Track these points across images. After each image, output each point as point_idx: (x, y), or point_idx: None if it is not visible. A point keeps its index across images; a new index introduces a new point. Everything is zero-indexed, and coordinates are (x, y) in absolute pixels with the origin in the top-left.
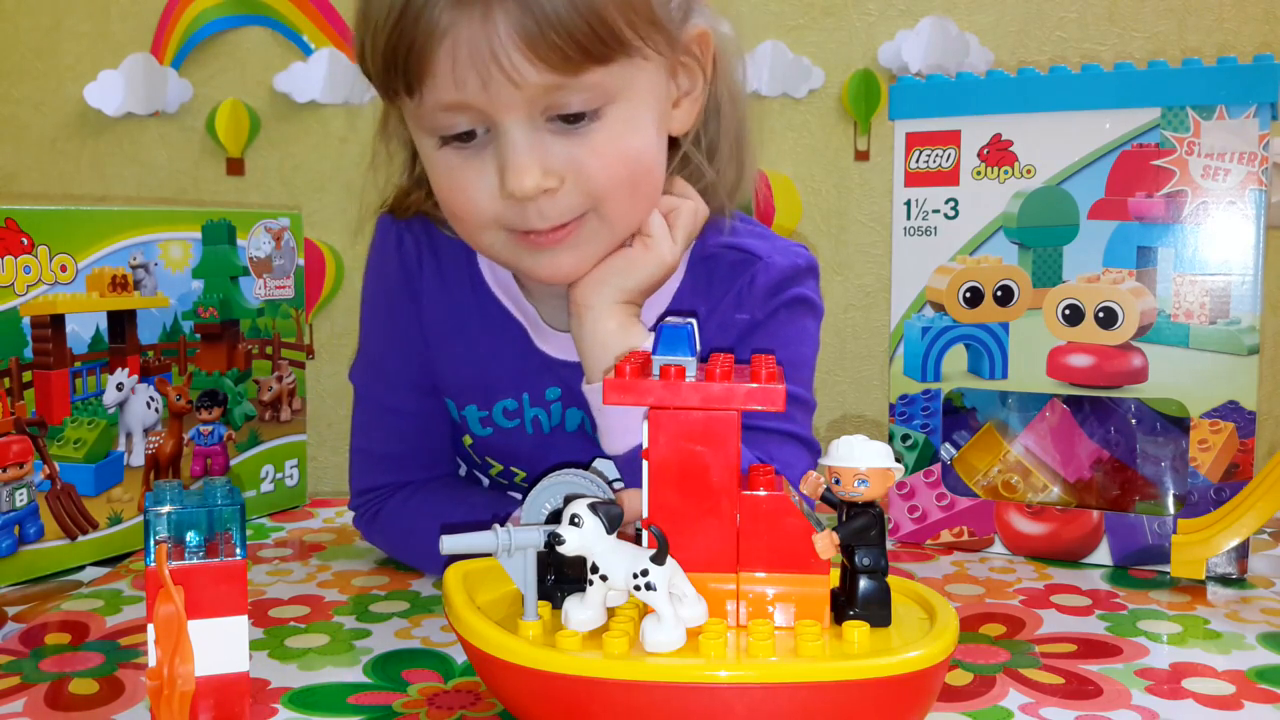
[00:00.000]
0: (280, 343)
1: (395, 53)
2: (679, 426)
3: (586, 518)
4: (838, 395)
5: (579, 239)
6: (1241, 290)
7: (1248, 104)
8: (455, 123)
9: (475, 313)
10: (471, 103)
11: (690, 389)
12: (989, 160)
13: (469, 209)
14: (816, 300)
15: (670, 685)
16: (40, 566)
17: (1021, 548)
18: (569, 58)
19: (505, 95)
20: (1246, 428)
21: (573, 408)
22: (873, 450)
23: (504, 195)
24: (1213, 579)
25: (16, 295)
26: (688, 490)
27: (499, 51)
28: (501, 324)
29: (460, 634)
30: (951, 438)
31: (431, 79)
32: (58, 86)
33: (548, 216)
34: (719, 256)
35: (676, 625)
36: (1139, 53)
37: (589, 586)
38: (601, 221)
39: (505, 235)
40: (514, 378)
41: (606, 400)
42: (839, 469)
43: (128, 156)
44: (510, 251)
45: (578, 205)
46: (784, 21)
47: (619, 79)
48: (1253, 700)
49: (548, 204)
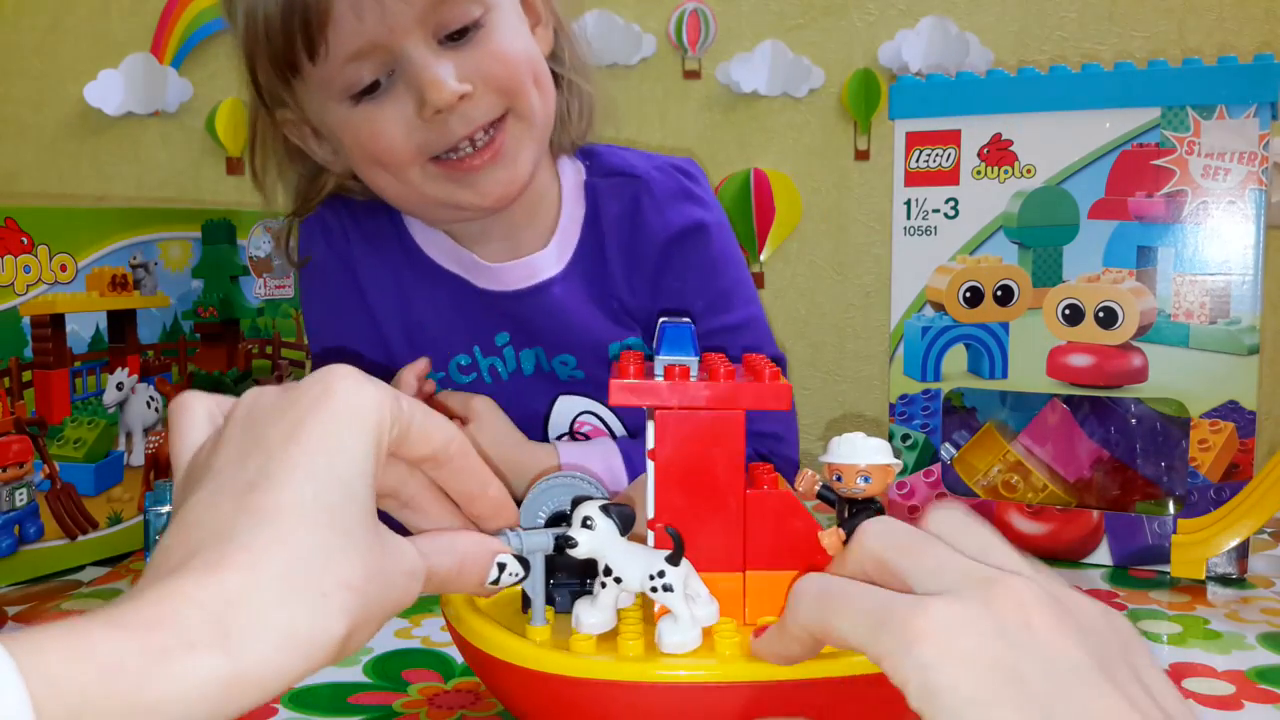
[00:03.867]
0: (280, 342)
1: (291, 19)
2: (686, 427)
3: (599, 520)
4: (838, 395)
5: (508, 150)
6: (1241, 290)
7: (1248, 104)
8: (361, 73)
9: (411, 273)
10: (373, 37)
11: (697, 389)
12: (989, 160)
13: (391, 146)
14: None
15: (689, 685)
16: (40, 566)
17: (1021, 547)
18: None
19: (401, 19)
20: (1246, 428)
21: (525, 349)
22: (873, 446)
23: (426, 116)
24: (1213, 579)
25: (16, 295)
26: (695, 490)
27: None
28: (437, 278)
29: (465, 638)
30: (951, 438)
31: (334, 27)
32: (58, 86)
33: (471, 119)
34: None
35: (693, 625)
36: (1139, 52)
37: (600, 589)
38: (520, 121)
39: (433, 170)
40: (460, 331)
41: (614, 401)
42: (841, 466)
43: (128, 156)
44: (442, 187)
45: (495, 105)
46: (784, 21)
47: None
48: (1253, 700)
49: (468, 108)
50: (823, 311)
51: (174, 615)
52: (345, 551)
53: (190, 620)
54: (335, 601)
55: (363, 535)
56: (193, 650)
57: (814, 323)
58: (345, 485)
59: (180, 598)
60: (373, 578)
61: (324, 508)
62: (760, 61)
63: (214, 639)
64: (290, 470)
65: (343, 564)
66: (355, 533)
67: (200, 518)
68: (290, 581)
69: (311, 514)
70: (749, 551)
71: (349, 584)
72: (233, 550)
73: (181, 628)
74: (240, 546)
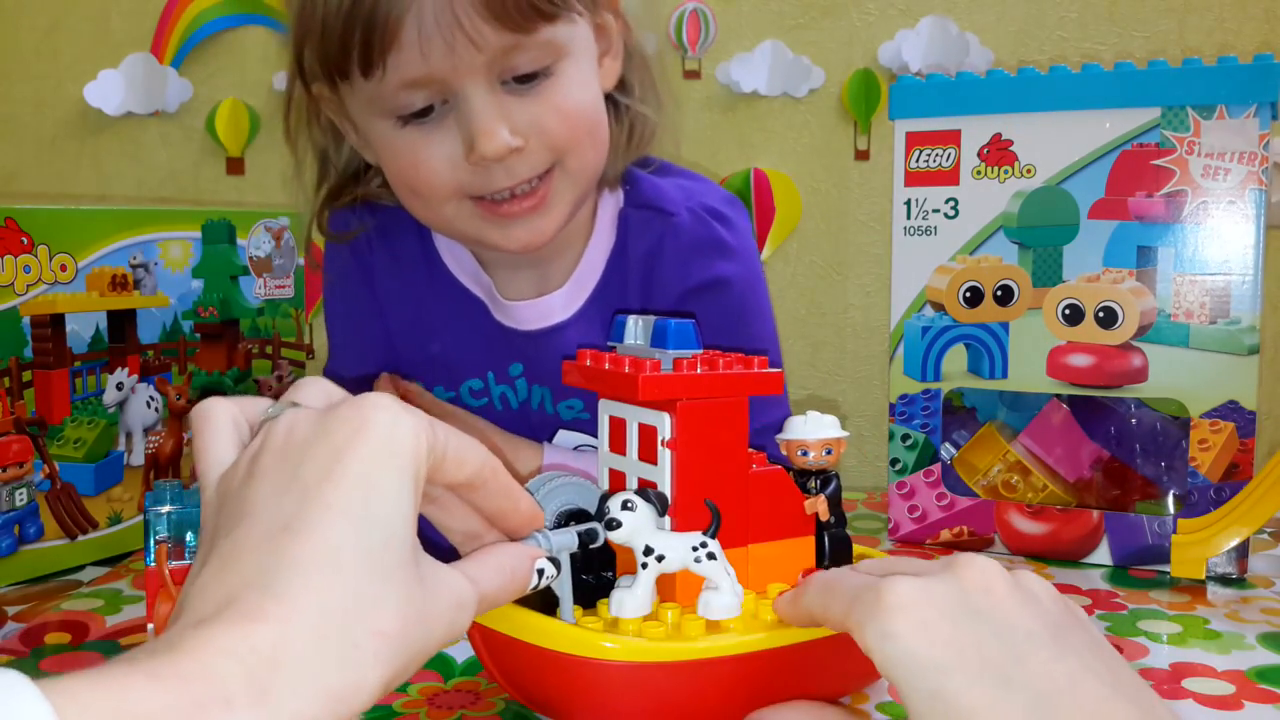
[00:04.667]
0: (280, 342)
1: (353, 31)
2: (701, 415)
3: (639, 503)
4: (838, 395)
5: (550, 202)
6: (1241, 290)
7: (1248, 104)
8: (414, 100)
9: (432, 291)
10: (435, 73)
11: (709, 381)
12: (989, 160)
13: (431, 181)
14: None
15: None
16: (40, 566)
17: (1021, 547)
18: (525, 15)
19: (468, 59)
20: (1246, 427)
21: (537, 384)
22: (830, 421)
23: (473, 160)
24: (1213, 579)
25: (16, 295)
26: (707, 473)
27: (462, 16)
28: (460, 300)
29: (505, 632)
30: (951, 437)
31: (396, 53)
32: (58, 86)
33: (516, 174)
34: (632, 216)
35: (735, 590)
36: (1139, 52)
37: (641, 570)
38: (566, 176)
39: (469, 206)
40: (477, 355)
41: (643, 397)
42: (808, 441)
43: (128, 156)
44: (474, 224)
45: (543, 161)
46: (784, 21)
47: (563, 36)
48: (1253, 700)
49: (516, 162)
50: (823, 311)
51: (211, 669)
52: (381, 599)
53: (227, 674)
54: (369, 652)
55: (402, 577)
56: (230, 708)
57: (814, 323)
58: (383, 527)
59: (216, 650)
60: (412, 620)
61: (361, 552)
62: (760, 61)
63: (250, 695)
64: (325, 512)
65: (378, 612)
66: (394, 576)
67: (236, 559)
68: (324, 633)
69: (348, 560)
70: (751, 526)
71: (384, 632)
72: (268, 600)
73: (219, 683)
74: (274, 596)
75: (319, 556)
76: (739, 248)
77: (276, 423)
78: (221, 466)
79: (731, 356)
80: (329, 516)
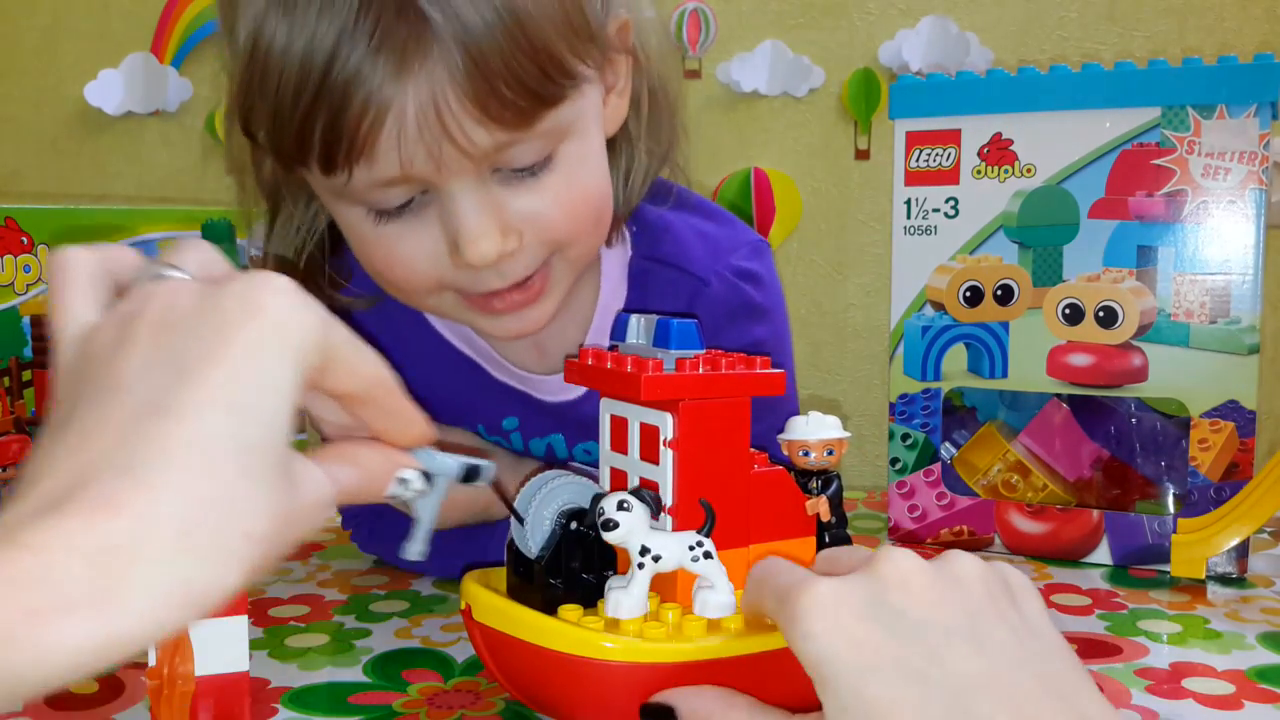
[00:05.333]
0: None
1: (312, 129)
2: (704, 416)
3: (634, 502)
4: (838, 394)
5: (547, 292)
6: (1242, 289)
7: (1248, 103)
8: (389, 198)
9: (424, 352)
10: (415, 176)
11: (712, 381)
12: (989, 159)
13: (411, 278)
14: (771, 330)
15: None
16: None
17: (1021, 547)
18: (522, 111)
19: (455, 164)
20: (1246, 427)
21: (534, 438)
22: (832, 422)
23: (458, 265)
24: (1213, 578)
25: (16, 294)
26: (709, 474)
27: (449, 121)
28: (455, 364)
29: (505, 631)
30: (951, 437)
31: (368, 159)
32: (58, 86)
33: (508, 275)
34: (651, 272)
35: (728, 588)
36: (1139, 52)
37: (637, 571)
38: (565, 264)
39: (455, 298)
40: (467, 409)
41: (646, 396)
42: (810, 442)
43: (128, 155)
44: (462, 314)
45: (540, 257)
46: (784, 21)
47: (567, 115)
48: (1252, 700)
49: (509, 264)
50: (823, 311)
51: (51, 569)
52: (253, 499)
53: (69, 574)
54: (235, 554)
55: (275, 477)
56: (70, 613)
57: (814, 322)
58: (264, 422)
59: (59, 546)
60: (280, 522)
61: (238, 447)
62: (760, 61)
63: (95, 598)
64: (203, 397)
65: (250, 513)
66: (268, 474)
67: (96, 435)
68: (189, 531)
69: (222, 453)
70: (753, 526)
71: (252, 534)
72: (127, 487)
73: (61, 585)
74: (137, 483)
75: (191, 445)
76: (771, 306)
77: (155, 288)
78: (81, 324)
79: (734, 357)
80: (207, 402)
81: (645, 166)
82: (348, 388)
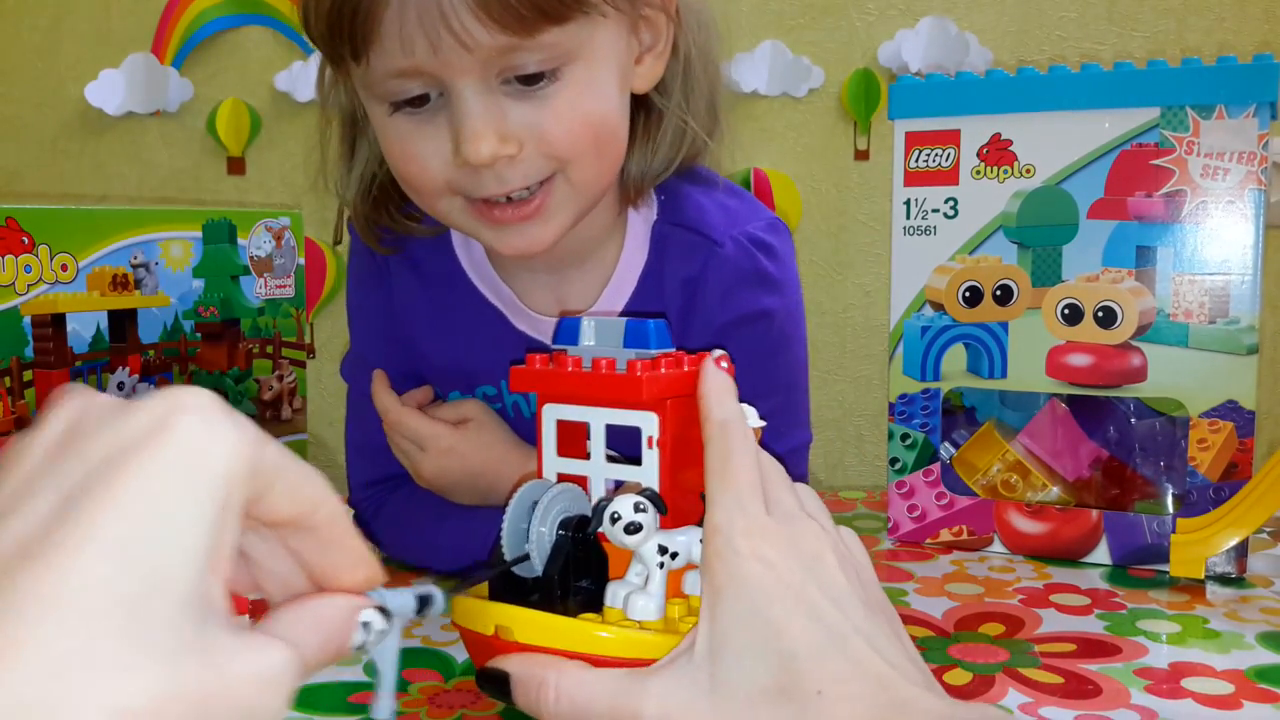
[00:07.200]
0: (281, 342)
1: (340, 18)
2: (680, 413)
3: (648, 505)
4: (838, 394)
5: (549, 211)
6: (1241, 290)
7: (1247, 103)
8: (406, 88)
9: (450, 299)
10: (423, 67)
11: (691, 378)
12: (988, 160)
13: (422, 176)
14: (782, 303)
15: None
16: None
17: (1021, 547)
18: (523, 17)
19: (456, 59)
20: (1246, 427)
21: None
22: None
23: (458, 163)
24: (1212, 578)
25: (17, 294)
26: (691, 470)
27: (448, 12)
28: (478, 309)
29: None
30: (951, 437)
31: (378, 44)
32: (58, 86)
33: (506, 181)
34: (670, 235)
35: None
36: (1139, 52)
37: (656, 571)
38: (569, 186)
39: (462, 203)
40: (491, 364)
41: (647, 397)
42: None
43: (129, 156)
44: (468, 222)
45: (541, 169)
46: (784, 21)
47: (577, 38)
48: (1252, 700)
49: (506, 169)
50: (823, 311)
51: None
52: (129, 666)
53: None
54: None
55: (169, 641)
56: None
57: (814, 322)
58: (155, 569)
59: None
60: (173, 699)
61: (116, 599)
62: (760, 61)
63: None
64: (86, 537)
65: (122, 681)
66: (157, 637)
67: None
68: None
69: (95, 608)
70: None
71: (126, 710)
72: None
73: None
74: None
75: (59, 596)
76: (783, 280)
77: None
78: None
79: (697, 356)
80: (85, 544)
81: (680, 135)
82: (286, 513)
